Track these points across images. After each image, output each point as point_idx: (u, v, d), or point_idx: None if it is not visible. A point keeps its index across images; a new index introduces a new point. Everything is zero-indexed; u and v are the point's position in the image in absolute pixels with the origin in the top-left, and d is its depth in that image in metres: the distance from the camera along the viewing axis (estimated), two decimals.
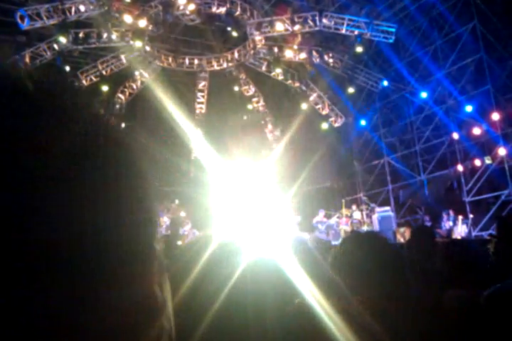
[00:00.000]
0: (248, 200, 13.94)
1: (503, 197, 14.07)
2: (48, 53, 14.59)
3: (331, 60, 17.27)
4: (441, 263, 2.48)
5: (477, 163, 14.98)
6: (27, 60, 14.29)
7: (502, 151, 14.05)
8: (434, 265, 2.55)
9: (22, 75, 0.42)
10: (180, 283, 1.27)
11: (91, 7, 13.48)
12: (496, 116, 14.16)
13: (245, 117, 20.34)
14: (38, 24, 13.08)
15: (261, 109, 20.24)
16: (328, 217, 15.73)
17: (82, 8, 13.42)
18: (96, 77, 16.79)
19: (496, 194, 14.46)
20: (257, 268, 1.48)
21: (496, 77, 14.50)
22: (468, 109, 14.88)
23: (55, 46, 14.35)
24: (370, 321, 1.40)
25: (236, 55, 17.82)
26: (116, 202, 0.41)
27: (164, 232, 13.91)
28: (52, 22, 13.21)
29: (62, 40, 13.60)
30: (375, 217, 15.00)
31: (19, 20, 12.65)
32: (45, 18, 12.98)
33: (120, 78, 17.74)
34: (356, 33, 15.22)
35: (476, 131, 14.76)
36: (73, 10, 13.40)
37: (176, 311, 1.31)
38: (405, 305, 1.57)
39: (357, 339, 1.39)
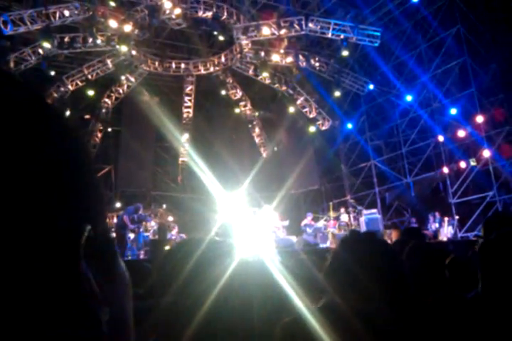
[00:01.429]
0: (236, 205, 13.93)
1: (488, 199, 14.24)
2: (33, 58, 14.47)
3: (317, 64, 17.37)
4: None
5: (462, 165, 15.15)
6: (11, 64, 14.16)
7: (486, 153, 14.23)
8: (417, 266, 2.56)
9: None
10: (168, 285, 1.28)
11: (75, 12, 13.39)
12: (480, 119, 14.35)
13: (232, 121, 20.36)
14: (22, 29, 12.96)
15: (248, 112, 20.27)
16: (316, 220, 15.77)
17: (66, 13, 13.33)
18: (82, 81, 16.70)
19: (481, 195, 14.62)
20: (244, 271, 1.48)
21: (480, 80, 14.69)
22: (453, 111, 15.06)
23: (40, 51, 14.23)
24: (355, 324, 1.41)
25: (223, 59, 17.84)
26: None
27: (152, 237, 13.84)
28: (36, 27, 13.09)
29: (46, 45, 13.48)
30: (362, 219, 15.07)
31: (2, 26, 12.52)
32: (28, 23, 12.86)
33: (106, 82, 17.66)
34: (342, 37, 15.33)
35: (461, 133, 14.93)
36: (57, 15, 13.30)
37: (164, 314, 1.31)
38: (390, 308, 1.58)
39: None
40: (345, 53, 15.57)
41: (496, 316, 1.68)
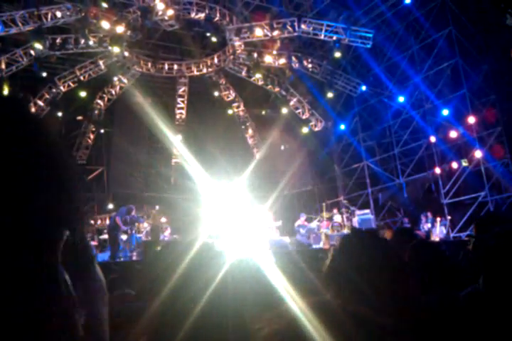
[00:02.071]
0: (229, 205, 13.91)
1: (479, 199, 14.32)
2: (25, 59, 14.38)
3: (310, 65, 17.40)
4: (412, 264, 2.50)
5: (454, 165, 15.23)
6: (2, 66, 14.06)
7: (478, 154, 14.31)
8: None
9: None
10: (161, 286, 1.27)
11: (67, 13, 13.32)
12: (471, 120, 14.43)
13: (226, 122, 20.34)
14: (13, 30, 12.87)
15: (241, 114, 20.27)
16: (309, 220, 15.79)
17: (58, 14, 13.25)
18: (74, 82, 16.62)
19: (473, 196, 14.70)
20: (237, 273, 1.48)
21: (471, 81, 14.78)
22: (445, 112, 15.13)
23: (32, 52, 14.15)
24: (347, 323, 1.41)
25: (216, 60, 17.83)
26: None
27: (144, 238, 13.80)
28: (28, 28, 13.00)
29: (38, 46, 13.39)
30: (355, 219, 15.11)
31: None
32: (20, 24, 12.77)
33: (98, 84, 17.59)
34: (334, 38, 15.37)
35: (453, 134, 15.01)
36: (49, 16, 13.21)
37: (156, 316, 1.31)
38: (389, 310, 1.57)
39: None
40: (337, 55, 15.60)
41: (497, 313, 1.69)
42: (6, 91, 13.56)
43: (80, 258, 0.57)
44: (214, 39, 15.68)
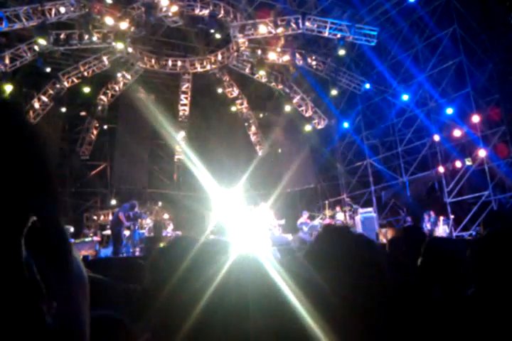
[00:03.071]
0: (232, 202, 13.92)
1: (483, 198, 14.28)
2: (29, 54, 14.40)
3: (314, 63, 17.38)
4: (423, 261, 2.50)
5: (458, 164, 15.18)
6: (7, 61, 14.09)
7: (482, 153, 14.27)
8: (416, 264, 2.57)
9: None
10: (165, 282, 1.28)
11: (71, 9, 13.32)
12: (475, 119, 14.38)
13: (228, 119, 20.35)
14: (17, 26, 12.89)
15: (244, 111, 20.26)
16: (312, 218, 15.79)
17: (62, 9, 13.25)
18: (78, 78, 16.64)
19: (476, 195, 14.67)
20: (240, 269, 1.48)
21: (476, 80, 14.73)
22: (449, 111, 15.09)
23: (36, 47, 14.16)
24: (347, 318, 1.41)
25: (219, 57, 17.82)
26: None
27: (147, 234, 13.83)
28: (31, 23, 13.01)
29: (42, 42, 13.40)
30: (357, 218, 15.10)
31: None
32: (24, 19, 12.78)
33: (102, 79, 17.61)
34: (339, 36, 15.33)
35: (457, 133, 14.97)
36: (53, 11, 13.22)
37: (159, 313, 1.31)
38: (383, 301, 1.59)
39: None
40: (341, 52, 15.55)
41: (492, 313, 1.69)
42: (9, 87, 13.63)
43: (54, 247, 0.55)
44: (218, 36, 15.66)
